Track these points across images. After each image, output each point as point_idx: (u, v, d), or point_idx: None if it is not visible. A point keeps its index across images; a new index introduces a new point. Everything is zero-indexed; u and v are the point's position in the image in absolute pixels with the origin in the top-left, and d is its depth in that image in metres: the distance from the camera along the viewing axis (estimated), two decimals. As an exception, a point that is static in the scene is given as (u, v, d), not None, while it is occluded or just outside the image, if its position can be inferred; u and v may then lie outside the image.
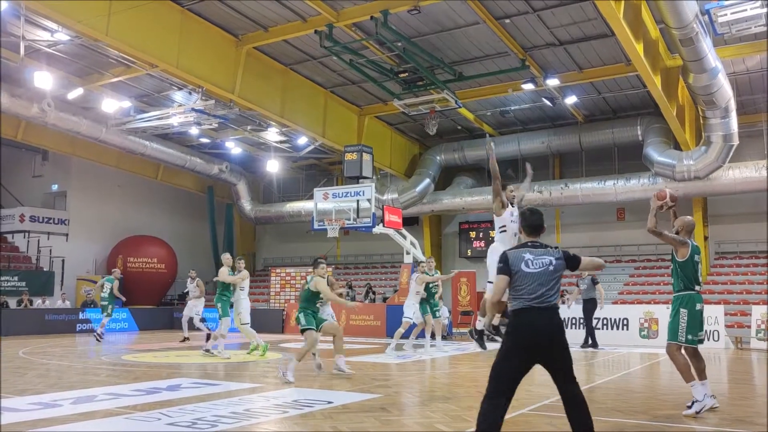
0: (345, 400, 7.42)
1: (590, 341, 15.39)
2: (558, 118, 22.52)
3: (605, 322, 16.87)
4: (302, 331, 9.31)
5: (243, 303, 12.83)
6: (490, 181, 25.03)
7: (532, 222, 4.88)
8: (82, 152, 23.79)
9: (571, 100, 19.80)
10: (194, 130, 21.58)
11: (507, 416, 6.68)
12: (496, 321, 7.51)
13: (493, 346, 5.87)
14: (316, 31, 15.93)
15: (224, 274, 12.49)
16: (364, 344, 16.36)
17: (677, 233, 7.27)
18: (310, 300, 9.43)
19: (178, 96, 20.18)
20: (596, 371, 10.61)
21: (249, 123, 21.38)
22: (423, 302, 13.73)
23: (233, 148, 24.42)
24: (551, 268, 4.64)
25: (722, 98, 15.79)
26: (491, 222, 26.32)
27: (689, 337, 6.74)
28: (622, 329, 16.73)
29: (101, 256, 26.72)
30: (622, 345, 15.82)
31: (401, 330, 13.61)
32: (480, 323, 7.29)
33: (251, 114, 20.12)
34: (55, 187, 26.97)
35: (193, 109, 18.78)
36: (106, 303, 17.17)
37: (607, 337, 16.37)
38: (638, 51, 13.89)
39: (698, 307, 6.81)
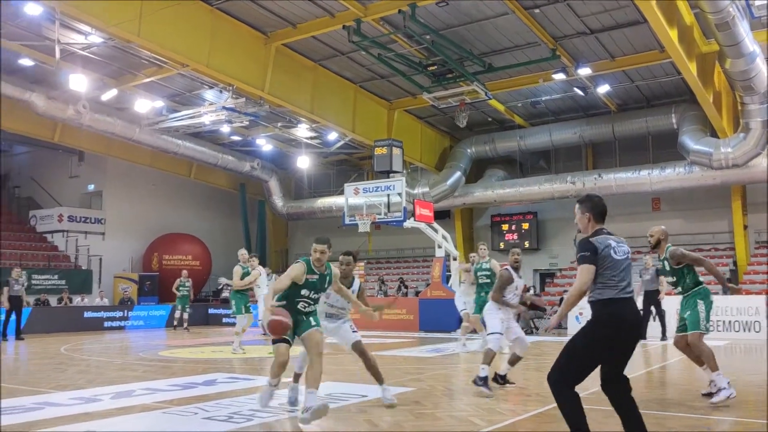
0: (379, 394, 7.42)
1: (663, 333, 14.98)
2: (590, 108, 22.21)
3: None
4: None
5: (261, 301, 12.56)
6: (521, 172, 24.89)
7: (602, 208, 4.67)
8: (117, 152, 24.20)
9: (603, 89, 19.50)
10: (225, 128, 21.78)
11: (540, 410, 6.66)
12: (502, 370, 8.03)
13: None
14: (344, 27, 15.94)
15: (237, 274, 12.35)
16: (396, 338, 16.37)
17: (658, 242, 7.83)
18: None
19: (209, 95, 20.39)
20: (633, 363, 10.45)
21: (279, 120, 21.50)
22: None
23: (264, 145, 24.60)
24: (629, 256, 4.51)
25: (760, 83, 15.41)
26: (523, 214, 26.14)
27: (708, 325, 7.22)
28: (659, 321, 16.43)
29: (137, 254, 27.17)
30: (659, 337, 15.54)
31: (466, 324, 13.43)
32: (484, 371, 7.49)
33: (281, 111, 20.24)
34: (91, 187, 27.48)
35: (224, 108, 18.97)
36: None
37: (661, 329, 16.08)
38: (672, 37, 13.61)
39: (711, 299, 7.46)
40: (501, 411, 6.56)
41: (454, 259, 20.83)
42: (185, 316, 20.70)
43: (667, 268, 7.68)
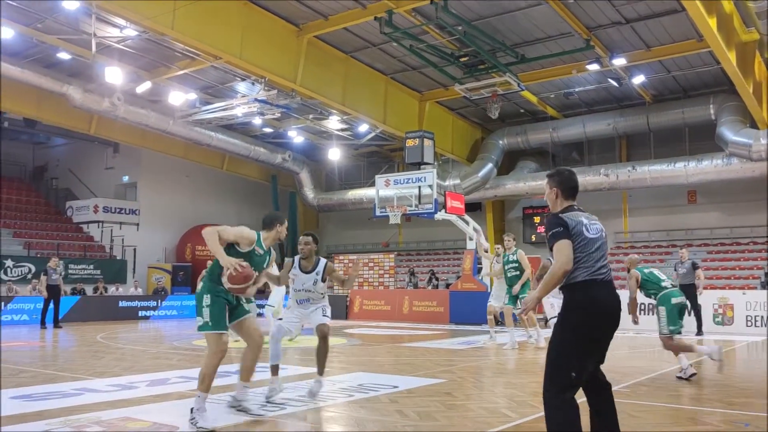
0: (410, 385, 7.44)
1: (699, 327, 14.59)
2: (625, 99, 21.87)
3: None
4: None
5: (277, 292, 12.62)
6: (554, 164, 24.64)
7: (572, 183, 4.18)
8: (151, 144, 24.54)
9: (638, 79, 19.18)
10: (257, 120, 21.93)
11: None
12: None
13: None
14: (375, 18, 15.90)
15: None
16: (427, 330, 16.37)
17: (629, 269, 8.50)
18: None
19: (242, 87, 20.53)
20: (667, 358, 10.31)
21: (311, 112, 21.58)
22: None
23: (295, 137, 24.72)
24: (603, 234, 4.05)
25: (802, 73, 15.01)
26: (556, 206, 25.95)
27: (671, 328, 8.02)
28: (695, 315, 16.16)
29: (170, 245, 27.57)
30: (695, 331, 15.28)
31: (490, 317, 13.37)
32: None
33: (313, 103, 20.31)
34: (126, 179, 27.93)
35: (256, 100, 19.10)
36: None
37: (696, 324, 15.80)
38: (711, 26, 13.31)
39: (672, 303, 8.10)
40: (533, 404, 6.52)
41: (485, 251, 20.73)
42: None
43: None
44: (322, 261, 6.84)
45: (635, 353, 11.51)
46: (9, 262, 21.49)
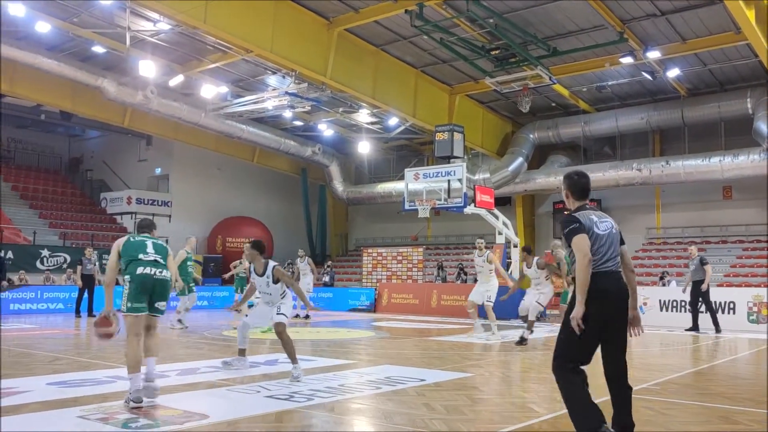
0: (437, 378, 7.45)
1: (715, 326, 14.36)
2: (659, 93, 21.52)
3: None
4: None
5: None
6: (585, 158, 24.39)
7: (584, 185, 4.59)
8: (183, 137, 24.84)
9: (673, 73, 18.85)
10: (288, 114, 22.05)
11: (603, 398, 6.54)
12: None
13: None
14: (406, 11, 15.87)
15: (180, 258, 13.47)
16: (455, 324, 16.34)
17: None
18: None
19: (272, 80, 20.67)
20: (701, 356, 10.16)
21: (341, 105, 21.64)
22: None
23: (325, 130, 24.81)
24: (614, 231, 4.39)
25: (844, 66, 14.62)
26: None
27: None
28: (728, 313, 15.87)
29: (202, 237, 27.89)
30: (728, 329, 15.02)
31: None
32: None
33: (343, 96, 20.35)
34: (158, 171, 28.33)
35: (286, 93, 19.19)
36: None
37: (708, 321, 15.56)
38: (749, 18, 13.03)
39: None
40: (560, 399, 6.47)
41: (515, 246, 20.59)
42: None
43: None
44: (271, 265, 7.49)
45: (666, 350, 11.36)
46: (45, 252, 21.97)
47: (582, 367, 4.31)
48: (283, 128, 25.37)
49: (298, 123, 24.59)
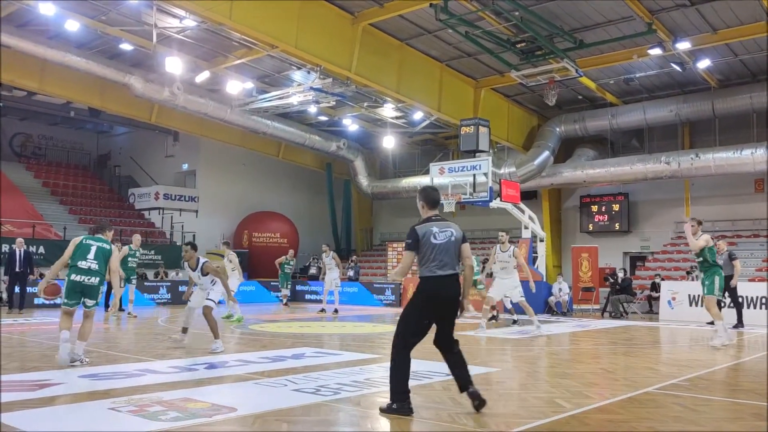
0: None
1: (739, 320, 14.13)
2: (688, 84, 21.17)
3: (740, 300, 15.71)
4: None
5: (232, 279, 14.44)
6: (612, 152, 24.13)
7: (434, 197, 5.57)
8: (210, 133, 25.02)
9: (703, 64, 18.53)
10: (313, 109, 22.10)
11: (628, 394, 6.51)
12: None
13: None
14: (431, 5, 15.77)
15: (123, 253, 14.85)
16: (480, 319, 16.26)
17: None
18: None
19: (297, 75, 20.73)
20: (732, 352, 10.01)
21: (365, 100, 21.63)
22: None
23: (350, 125, 24.83)
24: (452, 239, 5.34)
25: None
26: (614, 195, 25.52)
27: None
28: (760, 308, 15.64)
29: (228, 231, 28.12)
30: (760, 325, 14.79)
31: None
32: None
33: (367, 91, 20.34)
34: (185, 167, 28.60)
35: (311, 88, 19.24)
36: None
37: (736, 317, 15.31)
38: (781, 7, 12.75)
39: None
40: (588, 394, 6.44)
41: (541, 240, 20.46)
42: (287, 293, 21.26)
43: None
44: (201, 261, 9.51)
45: (695, 346, 11.21)
46: (75, 247, 22.28)
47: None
48: (308, 123, 25.44)
49: (323, 118, 24.64)
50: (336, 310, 17.87)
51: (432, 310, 5.36)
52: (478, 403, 5.36)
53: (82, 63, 18.59)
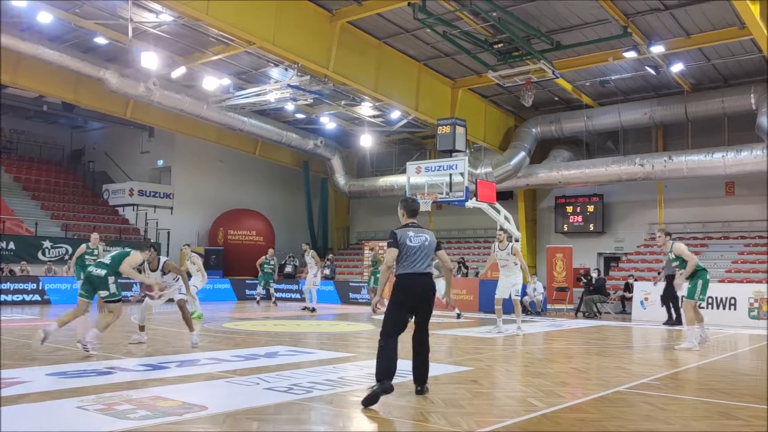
0: (437, 372, 7.44)
1: (674, 317, 15.05)
2: (662, 88, 21.43)
3: (710, 301, 16.00)
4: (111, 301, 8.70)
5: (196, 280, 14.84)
6: (588, 153, 24.34)
7: (413, 207, 6.35)
8: (186, 129, 24.81)
9: (677, 67, 18.77)
10: (290, 106, 22.01)
11: (600, 393, 6.58)
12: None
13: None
14: (409, 4, 15.78)
15: (81, 251, 14.10)
16: (455, 318, 16.33)
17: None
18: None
19: (275, 72, 20.62)
20: (701, 351, 10.15)
21: (343, 98, 21.58)
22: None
23: (328, 123, 24.76)
24: (427, 243, 6.10)
25: None
26: (588, 196, 25.71)
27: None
28: (729, 309, 15.90)
29: (203, 229, 27.94)
30: (729, 325, 15.04)
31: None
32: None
33: (345, 89, 20.30)
34: (160, 163, 28.32)
35: (289, 85, 19.15)
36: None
37: (712, 317, 15.56)
38: (754, 12, 12.95)
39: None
40: (560, 394, 6.48)
41: (516, 240, 20.56)
42: (271, 291, 20.70)
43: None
44: (162, 260, 9.80)
45: (667, 346, 11.35)
46: (47, 243, 22.00)
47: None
48: (285, 121, 25.33)
49: (300, 116, 24.55)
50: (314, 309, 17.90)
51: (407, 303, 6.00)
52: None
53: (55, 56, 18.32)
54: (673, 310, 15.36)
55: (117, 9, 16.42)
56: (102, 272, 8.53)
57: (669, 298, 15.48)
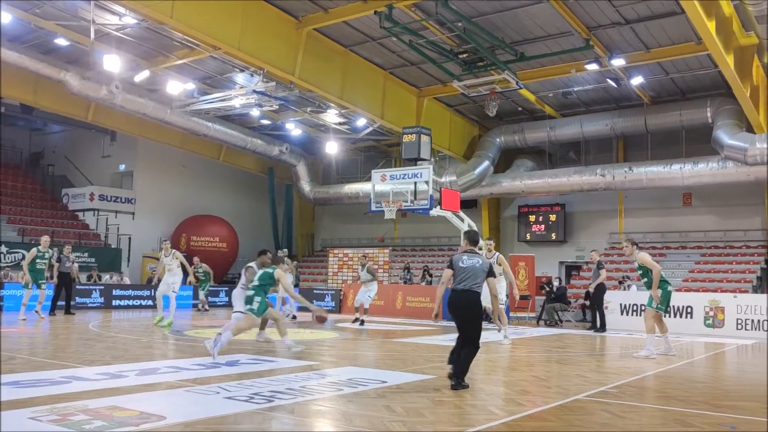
0: (399, 380, 7.46)
1: (599, 324, 16.06)
2: (623, 100, 21.88)
3: (668, 309, 16.26)
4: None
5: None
6: (550, 163, 24.69)
7: (474, 238, 7.71)
8: (148, 133, 24.47)
9: (637, 80, 19.19)
10: (255, 112, 21.89)
11: (559, 402, 6.66)
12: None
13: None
14: (375, 12, 15.86)
15: (31, 255, 14.95)
16: (419, 326, 16.39)
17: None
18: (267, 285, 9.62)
19: (240, 78, 20.48)
20: (657, 359, 10.35)
21: (309, 105, 21.55)
22: None
23: (293, 129, 24.68)
24: (477, 266, 7.23)
25: (800, 78, 15.03)
26: (551, 206, 26.07)
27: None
28: (686, 317, 16.23)
29: (166, 235, 27.49)
30: (685, 333, 15.36)
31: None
32: None
33: (311, 96, 20.27)
34: (122, 167, 27.87)
35: (254, 91, 19.05)
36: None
37: (670, 325, 15.74)
38: (710, 29, 13.32)
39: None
40: (521, 402, 6.54)
41: (480, 249, 20.71)
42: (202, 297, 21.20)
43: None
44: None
45: (626, 354, 11.54)
46: (3, 249, 21.45)
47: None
48: (250, 127, 25.17)
49: (266, 122, 24.43)
50: (294, 316, 17.86)
51: (454, 312, 7.26)
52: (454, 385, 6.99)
53: (13, 57, 17.93)
54: (598, 317, 16.31)
55: (79, 10, 16.14)
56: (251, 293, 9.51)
57: (596, 305, 16.54)
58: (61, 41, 17.79)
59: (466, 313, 7.16)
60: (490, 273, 7.33)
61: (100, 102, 20.57)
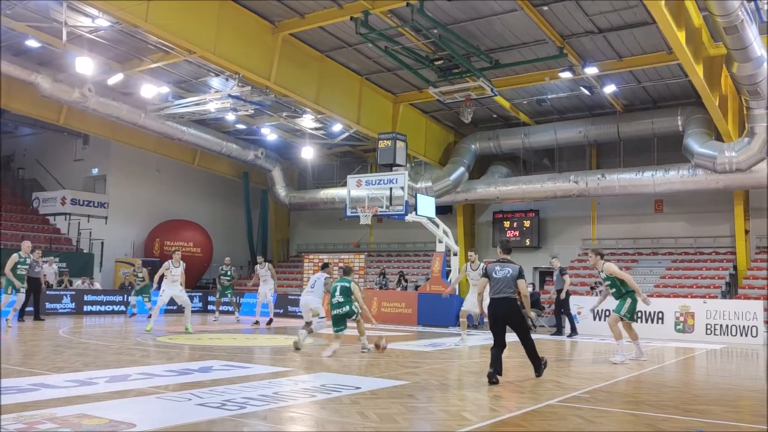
0: (373, 386, 7.46)
1: (570, 329, 16.59)
2: (596, 108, 22.14)
3: (639, 314, 16.49)
4: (348, 317, 11.10)
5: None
6: (525, 170, 24.87)
7: (508, 246, 8.69)
8: (122, 137, 24.19)
9: (609, 89, 19.44)
10: (231, 117, 21.76)
11: (532, 407, 6.72)
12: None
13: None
14: (352, 18, 15.89)
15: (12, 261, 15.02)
16: (394, 332, 16.40)
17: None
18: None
19: (215, 82, 20.37)
20: (628, 364, 10.48)
21: (285, 110, 21.49)
22: None
23: (269, 134, 24.58)
24: (508, 276, 8.17)
25: (767, 88, 15.34)
26: (525, 212, 26.20)
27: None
28: (657, 323, 16.46)
29: (139, 239, 27.23)
30: (656, 338, 15.57)
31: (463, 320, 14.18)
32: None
33: (287, 101, 20.22)
34: (95, 171, 27.52)
35: (229, 96, 18.95)
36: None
37: (641, 330, 15.97)
38: (680, 39, 13.56)
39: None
40: (494, 407, 6.58)
41: (455, 254, 20.83)
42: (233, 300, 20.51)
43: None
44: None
45: (597, 359, 11.66)
46: (-30, 253, 21.01)
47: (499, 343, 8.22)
48: (226, 131, 25.02)
49: (241, 126, 24.29)
50: (270, 320, 17.82)
51: (491, 319, 8.28)
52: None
53: (-17, 59, 17.63)
54: (565, 322, 16.85)
55: (50, 12, 15.92)
56: (343, 310, 11.03)
57: (560, 310, 17.06)
58: (33, 43, 17.52)
59: (506, 318, 8.18)
60: (520, 276, 8.16)
61: (72, 105, 20.31)
